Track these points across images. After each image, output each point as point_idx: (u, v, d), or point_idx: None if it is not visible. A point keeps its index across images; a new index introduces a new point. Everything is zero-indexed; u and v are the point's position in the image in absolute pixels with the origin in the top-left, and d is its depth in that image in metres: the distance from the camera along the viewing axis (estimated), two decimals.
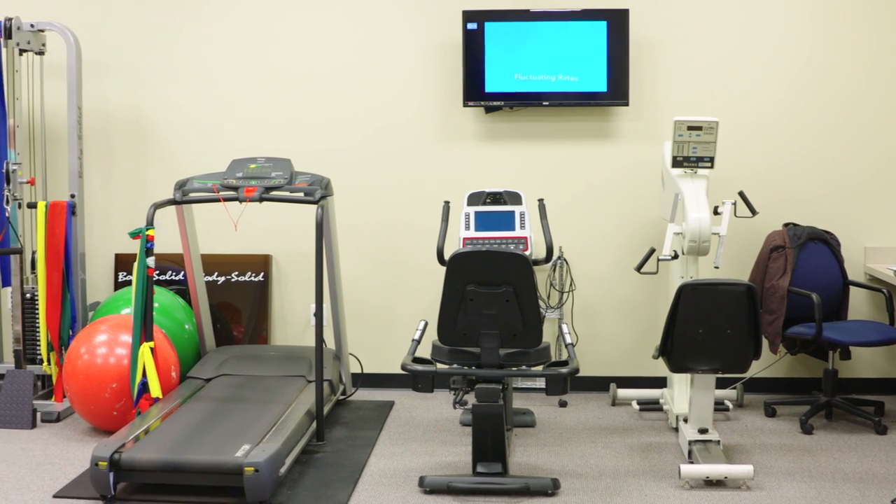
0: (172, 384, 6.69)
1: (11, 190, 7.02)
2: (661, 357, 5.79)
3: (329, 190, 6.58)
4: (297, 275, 7.74)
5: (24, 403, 6.83)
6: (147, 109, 7.81)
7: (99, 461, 5.34)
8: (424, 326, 5.92)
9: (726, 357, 5.67)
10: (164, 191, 7.69)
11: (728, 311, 5.53)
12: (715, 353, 5.65)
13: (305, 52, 7.65)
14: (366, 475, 5.83)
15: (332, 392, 6.89)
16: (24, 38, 7.21)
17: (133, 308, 6.38)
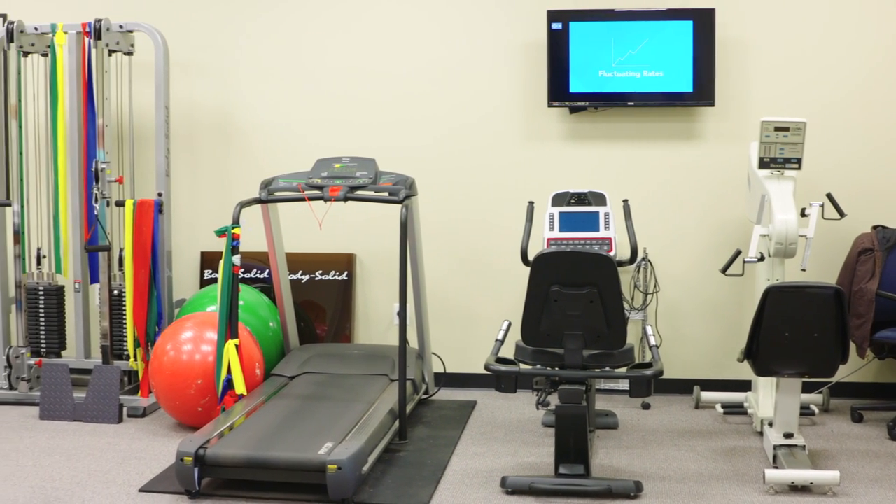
0: (256, 381, 6.74)
1: (100, 188, 7.11)
2: (747, 360, 5.73)
3: (413, 189, 6.59)
4: (380, 274, 7.76)
5: (111, 398, 6.92)
6: (233, 109, 7.88)
7: (184, 456, 5.39)
8: (508, 327, 5.90)
9: (813, 361, 5.59)
10: (249, 189, 7.75)
11: (815, 315, 5.45)
12: (801, 356, 5.58)
13: (389, 52, 7.67)
14: (448, 474, 5.83)
15: (415, 391, 6.90)
16: (114, 38, 7.31)
17: (218, 305, 6.44)
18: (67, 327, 7.70)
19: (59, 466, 5.99)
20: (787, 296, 5.44)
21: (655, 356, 5.64)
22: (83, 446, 6.38)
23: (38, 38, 7.49)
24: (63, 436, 6.61)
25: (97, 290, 7.44)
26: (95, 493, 5.54)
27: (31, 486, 5.65)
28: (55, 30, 7.33)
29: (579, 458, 5.51)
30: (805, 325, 5.47)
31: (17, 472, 5.88)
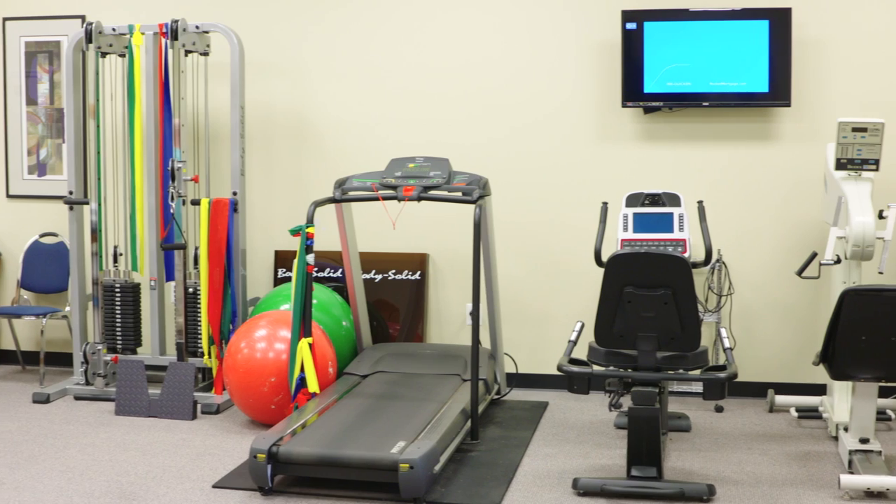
0: (329, 380, 6.77)
1: (176, 187, 7.18)
2: (822, 364, 5.67)
3: (487, 189, 6.58)
4: (453, 274, 7.77)
5: (186, 395, 6.98)
6: (307, 108, 7.92)
7: (257, 453, 5.43)
8: (581, 328, 5.88)
9: (890, 365, 5.51)
10: (323, 189, 7.78)
11: (893, 318, 5.37)
12: (878, 360, 5.50)
13: (462, 51, 7.68)
14: (519, 475, 5.82)
15: (487, 391, 6.90)
16: (190, 39, 7.38)
17: (292, 304, 6.47)
18: (143, 324, 7.79)
19: (135, 461, 6.06)
20: (865, 299, 5.37)
21: (729, 359, 5.60)
22: (158, 442, 6.44)
23: (116, 39, 7.57)
24: (138, 431, 6.68)
25: (172, 287, 7.51)
26: (170, 489, 5.59)
27: (107, 481, 5.71)
28: (132, 31, 7.41)
29: (652, 461, 5.48)
30: (882, 328, 5.40)
31: (93, 467, 5.96)
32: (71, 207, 7.65)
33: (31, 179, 8.45)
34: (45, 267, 8.35)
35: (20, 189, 8.50)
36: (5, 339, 8.64)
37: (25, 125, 8.43)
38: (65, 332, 8.37)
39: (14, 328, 8.51)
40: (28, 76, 8.41)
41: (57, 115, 8.35)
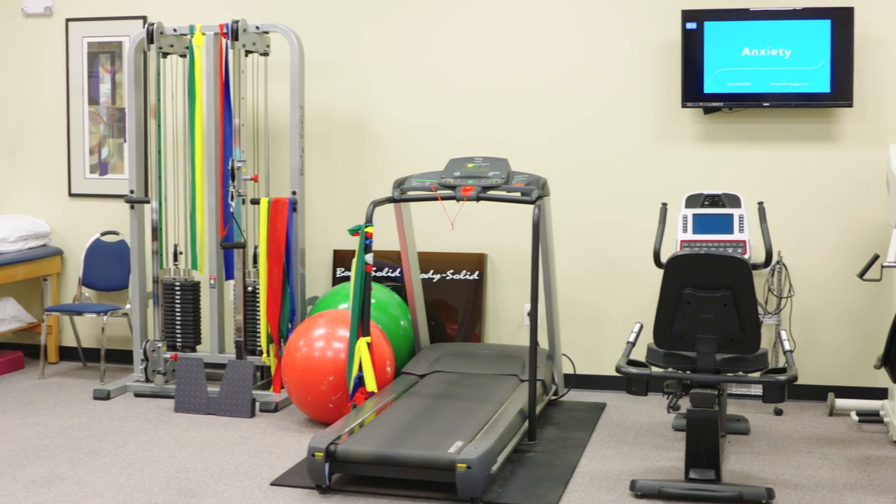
0: (387, 379, 6.78)
1: (236, 186, 7.22)
2: (884, 367, 5.61)
3: (546, 190, 6.57)
4: (511, 274, 7.76)
5: (244, 393, 7.02)
6: (366, 108, 7.94)
7: (315, 452, 5.45)
8: (640, 329, 5.85)
9: None
10: (382, 189, 7.80)
11: None
12: None
13: (521, 51, 7.67)
14: (577, 476, 5.80)
15: (545, 392, 6.88)
16: (250, 39, 7.42)
17: (351, 303, 6.50)
18: (202, 322, 7.84)
19: (193, 458, 6.10)
20: None
21: (790, 361, 5.56)
22: (216, 439, 6.49)
23: (177, 40, 7.63)
24: (197, 428, 6.73)
25: (232, 286, 7.55)
26: (228, 486, 5.63)
27: (166, 477, 5.76)
28: (193, 31, 7.46)
29: (710, 463, 5.45)
30: None
31: (152, 463, 6.01)
32: (132, 206, 7.72)
33: (93, 178, 8.53)
34: (106, 265, 8.43)
35: (82, 188, 8.58)
36: (67, 336, 8.74)
37: (87, 125, 8.52)
38: (125, 329, 8.45)
39: (76, 325, 8.59)
40: (90, 76, 8.49)
41: (118, 115, 8.42)
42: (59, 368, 8.49)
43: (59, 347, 8.74)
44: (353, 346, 6.42)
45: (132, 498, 5.45)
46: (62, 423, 6.89)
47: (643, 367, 5.53)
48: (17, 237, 8.21)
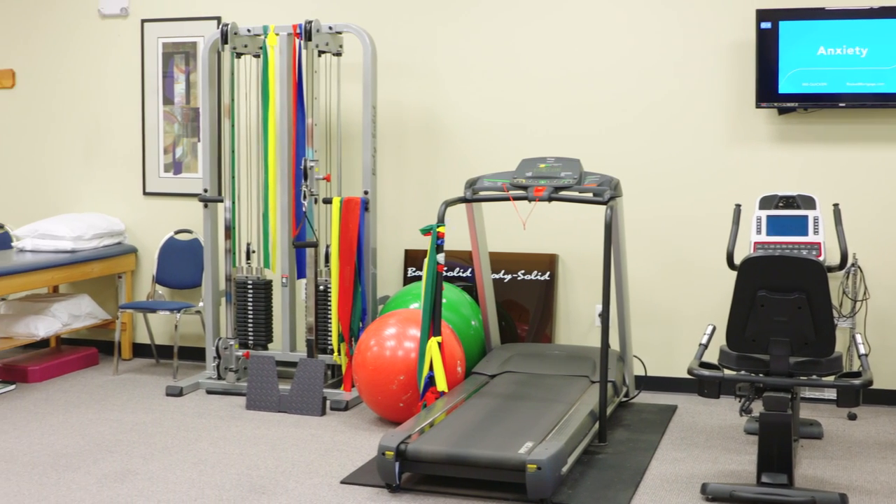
0: (458, 379, 6.79)
1: (308, 186, 7.25)
2: None
3: (618, 191, 6.54)
4: (582, 274, 7.73)
5: (315, 391, 7.05)
6: (439, 108, 7.95)
7: (386, 451, 5.46)
8: (712, 331, 5.80)
9: None
10: (453, 189, 7.80)
11: None
12: None
13: (592, 51, 7.63)
14: (647, 479, 5.77)
15: (616, 393, 6.85)
16: (323, 39, 7.45)
17: (422, 303, 6.50)
18: (274, 321, 7.89)
19: (264, 455, 6.14)
20: None
21: (865, 365, 5.48)
22: (287, 437, 6.52)
23: (251, 40, 7.69)
24: (268, 426, 6.77)
25: (304, 285, 7.59)
26: (299, 484, 5.65)
27: (238, 474, 5.80)
28: (267, 31, 7.51)
29: (782, 468, 5.39)
30: None
31: (224, 460, 6.05)
32: (205, 205, 7.78)
33: (167, 177, 8.62)
34: (179, 263, 8.51)
35: (156, 187, 8.67)
36: (140, 333, 8.83)
37: (162, 124, 8.60)
38: (198, 327, 8.52)
39: (149, 323, 8.69)
40: (165, 76, 8.57)
41: (193, 115, 8.50)
42: (132, 365, 8.59)
43: (133, 344, 8.84)
44: (423, 345, 6.42)
45: (204, 494, 5.49)
46: (135, 418, 6.96)
47: (716, 369, 5.49)
48: (93, 235, 8.31)
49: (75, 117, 8.91)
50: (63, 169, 8.98)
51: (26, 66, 9.03)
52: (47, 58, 8.95)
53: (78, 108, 8.89)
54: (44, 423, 6.87)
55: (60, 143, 8.97)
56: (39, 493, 5.52)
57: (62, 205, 8.96)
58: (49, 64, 8.95)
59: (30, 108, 9.05)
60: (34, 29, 8.96)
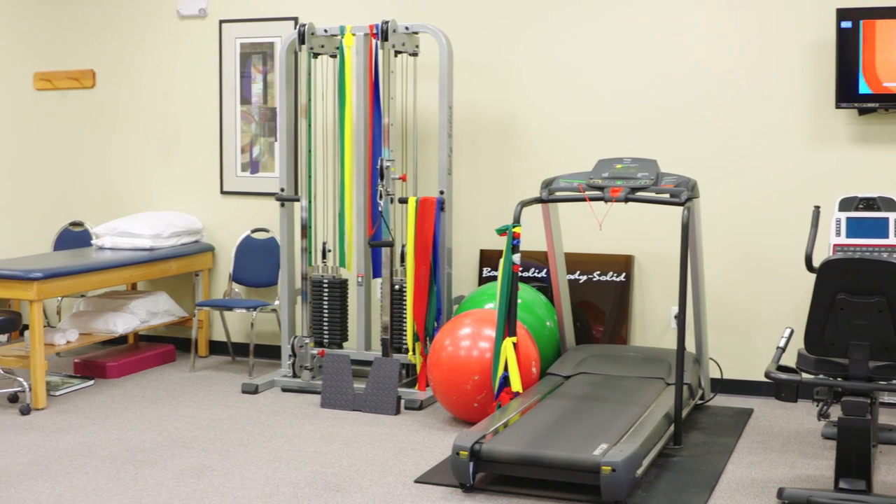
0: (532, 379, 6.77)
1: (384, 185, 7.27)
2: None
3: (695, 192, 6.49)
4: (659, 276, 7.68)
5: (390, 390, 7.07)
6: (514, 109, 7.94)
7: (460, 450, 5.47)
8: (790, 334, 5.73)
9: None
10: (529, 188, 7.79)
11: None
12: None
13: (668, 51, 7.58)
14: (722, 482, 5.72)
15: (691, 396, 6.80)
16: (400, 40, 7.47)
17: (497, 303, 6.50)
18: (349, 319, 7.92)
19: (339, 454, 6.17)
20: None
21: None
22: (361, 435, 6.55)
23: (328, 40, 7.72)
24: (342, 424, 6.80)
25: (379, 284, 7.61)
26: (373, 482, 5.67)
27: (312, 471, 5.83)
28: (344, 32, 7.54)
29: (861, 473, 5.31)
30: None
31: (298, 457, 6.09)
32: (282, 204, 7.83)
33: (244, 176, 8.68)
34: (256, 261, 8.57)
35: (233, 186, 8.74)
36: (217, 331, 8.91)
37: (239, 124, 8.67)
38: (274, 325, 8.58)
39: (225, 320, 8.76)
40: (242, 76, 8.64)
41: (270, 115, 8.56)
42: (208, 362, 8.67)
43: (209, 341, 8.92)
44: (498, 345, 6.41)
45: (279, 491, 5.53)
46: (211, 415, 7.02)
47: (793, 373, 5.42)
48: (171, 233, 8.40)
49: (154, 117, 9.01)
50: (142, 168, 9.09)
51: (106, 66, 9.15)
52: (127, 58, 9.06)
53: (157, 107, 9.00)
54: (122, 418, 6.96)
55: (139, 142, 9.08)
56: (117, 488, 5.59)
57: (141, 203, 9.07)
58: (128, 64, 9.07)
59: (110, 108, 9.17)
60: (114, 30, 9.08)
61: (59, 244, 9.20)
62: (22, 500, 5.43)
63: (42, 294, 7.24)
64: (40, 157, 9.47)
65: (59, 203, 9.41)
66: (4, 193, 9.65)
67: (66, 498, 5.46)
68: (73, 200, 9.36)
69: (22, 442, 6.44)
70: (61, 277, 7.42)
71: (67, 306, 9.11)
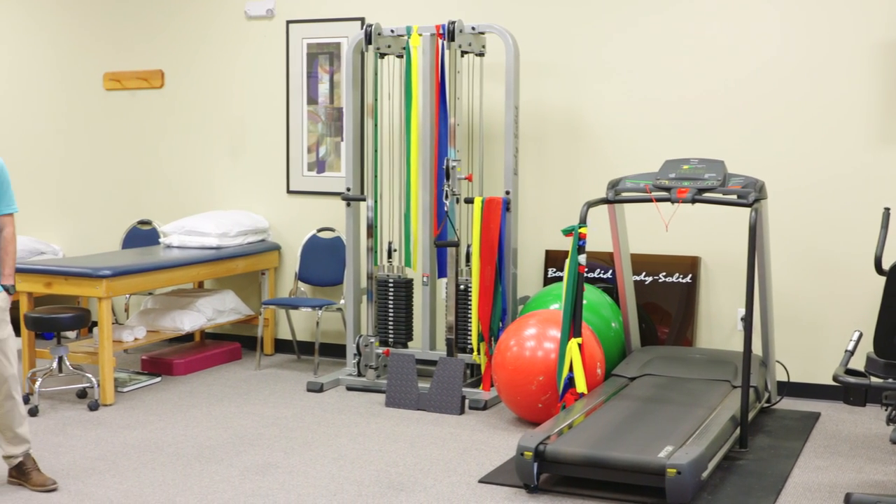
0: (597, 381, 6.75)
1: (450, 185, 7.28)
2: None
3: (763, 193, 6.44)
4: (725, 278, 7.63)
5: (454, 390, 7.07)
6: (581, 109, 7.91)
7: (525, 451, 5.46)
8: (859, 337, 5.66)
9: None
10: (595, 189, 7.74)
11: None
12: None
13: (736, 54, 7.52)
14: (788, 487, 5.67)
15: (757, 399, 6.74)
16: (466, 40, 7.47)
17: (563, 304, 6.48)
18: (414, 319, 7.93)
19: (403, 453, 6.18)
20: None
21: None
22: (426, 435, 6.56)
23: (395, 41, 7.74)
24: (407, 423, 6.82)
25: (444, 284, 7.62)
26: (437, 482, 5.68)
27: (377, 470, 5.85)
28: (410, 32, 7.56)
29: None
30: None
31: (363, 456, 6.11)
32: (348, 204, 7.86)
33: (311, 176, 8.73)
34: (321, 261, 8.62)
35: (300, 185, 8.79)
36: (282, 329, 8.96)
37: (306, 124, 8.71)
38: (339, 324, 8.61)
39: (291, 319, 8.80)
40: (309, 76, 8.69)
41: (336, 115, 8.59)
42: (274, 360, 8.72)
43: (275, 340, 8.98)
44: (563, 346, 6.40)
45: (343, 489, 5.55)
46: (276, 413, 7.06)
47: (862, 376, 5.36)
48: (238, 232, 8.46)
49: (221, 117, 9.08)
50: (209, 167, 9.16)
51: (175, 66, 9.24)
52: (195, 59, 9.15)
53: (224, 107, 9.07)
54: (188, 415, 7.02)
55: (206, 141, 9.16)
56: (184, 483, 5.64)
57: (208, 202, 9.14)
58: (196, 65, 9.15)
59: (177, 108, 9.26)
60: (182, 31, 9.16)
61: (127, 242, 9.30)
62: (90, 495, 5.50)
63: (111, 291, 7.32)
64: (109, 156, 9.58)
65: (128, 202, 9.51)
66: (74, 192, 9.77)
67: (133, 493, 5.52)
68: (142, 199, 9.46)
69: (90, 437, 6.52)
70: (129, 275, 7.50)
71: (135, 304, 9.20)
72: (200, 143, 9.19)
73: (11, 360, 5.56)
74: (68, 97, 9.73)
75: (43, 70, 9.82)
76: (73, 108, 9.71)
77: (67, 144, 9.77)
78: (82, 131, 9.69)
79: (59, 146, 9.81)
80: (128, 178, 9.52)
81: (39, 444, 6.26)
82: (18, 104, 9.95)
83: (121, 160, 9.53)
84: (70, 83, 9.71)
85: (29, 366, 7.51)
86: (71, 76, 9.69)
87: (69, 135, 9.76)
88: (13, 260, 5.64)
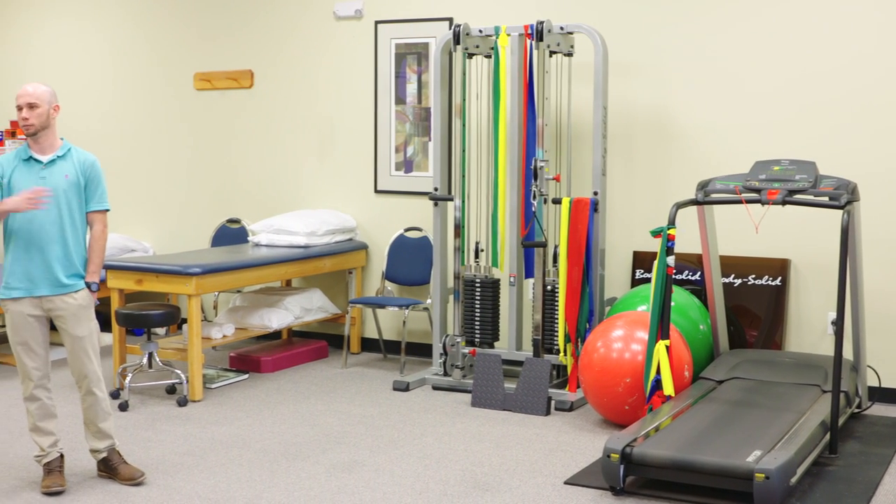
0: (685, 383, 6.70)
1: (538, 186, 7.27)
2: None
3: (855, 195, 6.35)
4: (816, 281, 7.53)
5: (540, 391, 7.06)
6: (670, 109, 7.85)
7: (611, 453, 5.44)
8: None
9: None
10: (684, 190, 7.68)
11: None
12: None
13: (829, 55, 7.40)
14: (879, 494, 5.58)
15: (848, 404, 6.64)
16: (554, 40, 7.45)
17: (650, 305, 6.45)
18: (501, 319, 7.92)
19: (489, 453, 6.18)
20: None
21: None
22: (511, 435, 6.55)
23: (483, 41, 7.74)
24: (492, 424, 6.81)
25: (531, 284, 7.61)
26: (522, 482, 5.68)
27: (462, 470, 5.86)
28: (498, 32, 7.56)
29: None
30: None
31: (448, 455, 6.12)
32: (435, 203, 7.87)
33: (398, 176, 8.75)
34: (408, 260, 8.64)
35: (387, 185, 8.82)
36: (369, 328, 8.99)
37: (394, 123, 8.74)
38: (425, 323, 8.63)
39: (378, 318, 8.84)
40: (397, 76, 8.71)
41: (424, 114, 8.61)
42: (360, 359, 8.76)
43: (361, 338, 9.02)
44: (651, 348, 6.37)
45: (428, 488, 5.57)
46: (363, 411, 7.10)
47: None
48: (325, 231, 8.51)
49: (310, 116, 9.14)
50: (297, 166, 9.23)
51: (264, 66, 9.32)
52: (284, 59, 9.22)
53: (312, 107, 9.13)
54: (275, 412, 7.08)
55: (295, 141, 9.22)
56: (270, 480, 5.69)
57: (296, 201, 9.21)
58: (285, 65, 9.22)
59: (267, 108, 9.34)
60: (271, 32, 9.24)
61: (216, 240, 9.40)
62: (179, 490, 5.57)
63: (200, 289, 7.40)
64: (199, 154, 9.69)
65: (217, 200, 9.61)
66: (165, 190, 9.90)
67: (220, 488, 5.58)
68: (231, 198, 9.55)
69: (179, 432, 6.60)
70: (218, 273, 7.59)
71: (224, 301, 9.30)
72: (289, 142, 9.26)
73: (92, 356, 5.63)
74: (160, 97, 9.86)
75: (137, 69, 9.96)
76: (165, 107, 9.83)
77: (158, 143, 9.90)
78: (173, 130, 9.81)
79: (150, 145, 9.94)
80: (217, 177, 9.62)
81: (129, 439, 6.36)
82: (117, 104, 10.10)
83: (210, 159, 9.64)
84: (162, 83, 9.83)
85: (119, 361, 7.62)
86: (163, 76, 9.82)
87: (160, 134, 9.88)
88: (100, 258, 5.67)
